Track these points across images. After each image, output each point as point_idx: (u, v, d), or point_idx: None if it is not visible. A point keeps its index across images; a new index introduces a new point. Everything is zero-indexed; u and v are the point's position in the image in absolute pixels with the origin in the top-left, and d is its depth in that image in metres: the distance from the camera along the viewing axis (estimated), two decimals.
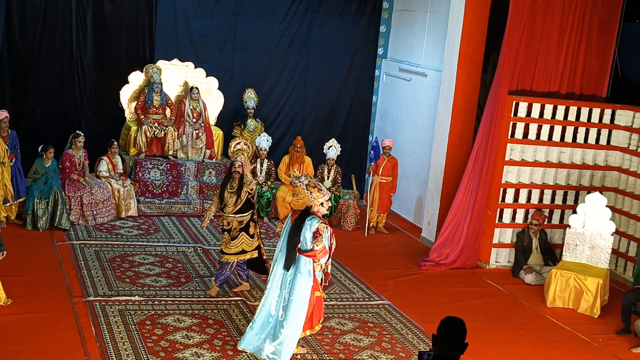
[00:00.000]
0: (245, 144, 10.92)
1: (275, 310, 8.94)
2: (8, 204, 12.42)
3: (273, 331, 8.89)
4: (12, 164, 12.44)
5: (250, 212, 10.44)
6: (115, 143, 13.85)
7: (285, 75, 16.37)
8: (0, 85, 14.47)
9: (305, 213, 8.81)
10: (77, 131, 13.53)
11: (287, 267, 8.80)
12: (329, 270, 9.02)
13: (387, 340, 9.75)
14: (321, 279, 8.91)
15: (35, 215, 12.57)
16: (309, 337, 9.49)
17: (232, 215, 10.39)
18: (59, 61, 14.83)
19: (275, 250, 9.12)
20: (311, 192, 8.77)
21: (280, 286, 8.89)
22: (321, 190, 8.80)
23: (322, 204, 8.80)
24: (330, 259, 8.92)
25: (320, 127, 16.68)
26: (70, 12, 14.67)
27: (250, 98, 15.53)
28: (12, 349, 8.28)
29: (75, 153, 13.26)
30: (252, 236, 10.51)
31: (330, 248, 8.85)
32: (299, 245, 8.72)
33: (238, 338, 9.29)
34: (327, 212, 9.11)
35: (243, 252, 10.51)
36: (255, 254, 10.65)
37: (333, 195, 14.37)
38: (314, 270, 8.74)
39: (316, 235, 8.65)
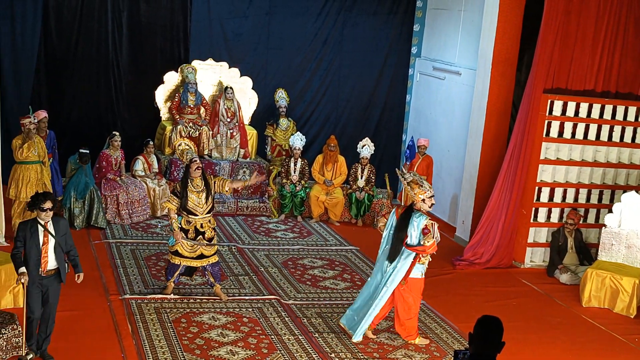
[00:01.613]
0: (187, 145, 10.43)
1: (372, 294, 9.45)
2: None
3: (362, 309, 9.47)
4: (49, 163, 12.60)
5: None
6: (151, 142, 13.95)
7: (318, 75, 16.41)
8: (37, 85, 14.68)
9: (410, 209, 9.23)
10: (114, 131, 13.67)
11: (391, 259, 9.29)
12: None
13: None
14: (422, 272, 9.35)
15: (72, 214, 12.71)
16: (344, 337, 9.52)
17: (205, 215, 10.12)
18: (95, 62, 15.00)
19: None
20: (413, 189, 9.17)
21: (382, 273, 9.40)
22: (422, 186, 9.15)
23: (423, 200, 9.14)
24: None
25: (353, 126, 16.69)
26: (106, 13, 14.83)
27: (282, 97, 15.58)
28: (49, 347, 8.38)
29: (112, 153, 13.38)
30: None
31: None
32: (406, 240, 9.15)
33: (272, 336, 9.36)
34: (430, 209, 9.38)
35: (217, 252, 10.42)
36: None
37: (366, 194, 14.39)
38: (412, 264, 9.18)
39: (425, 231, 9.05)
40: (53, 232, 7.96)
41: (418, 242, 9.12)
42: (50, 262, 8.00)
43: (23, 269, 7.80)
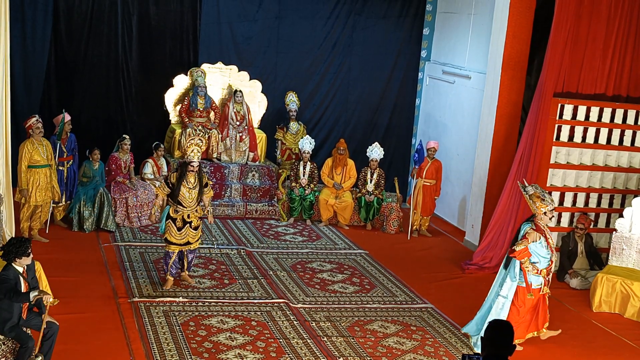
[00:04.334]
0: (198, 146, 10.80)
1: (490, 303, 9.72)
2: (60, 204, 12.61)
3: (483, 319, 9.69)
4: (68, 165, 12.66)
5: None
6: (162, 146, 13.96)
7: (328, 78, 16.39)
8: (47, 89, 14.70)
9: (528, 219, 9.49)
10: (124, 135, 13.69)
11: (505, 265, 9.61)
12: (548, 278, 9.56)
13: (430, 343, 9.71)
14: (541, 284, 9.43)
15: (82, 217, 12.73)
16: (352, 340, 9.50)
17: (192, 207, 10.65)
18: (104, 65, 15.01)
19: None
20: (534, 202, 9.28)
21: (498, 282, 9.72)
22: (544, 200, 9.25)
23: (545, 213, 9.25)
24: (551, 268, 9.50)
25: (363, 129, 16.66)
26: (116, 16, 14.85)
27: (292, 101, 15.57)
28: (58, 349, 8.36)
29: (122, 156, 13.39)
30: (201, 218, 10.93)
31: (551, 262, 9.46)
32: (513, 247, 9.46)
33: (281, 340, 9.34)
34: (550, 222, 9.49)
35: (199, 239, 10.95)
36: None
37: (376, 198, 14.36)
38: (524, 272, 9.36)
39: (523, 237, 9.21)
40: (26, 277, 7.73)
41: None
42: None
43: (35, 292, 7.58)
